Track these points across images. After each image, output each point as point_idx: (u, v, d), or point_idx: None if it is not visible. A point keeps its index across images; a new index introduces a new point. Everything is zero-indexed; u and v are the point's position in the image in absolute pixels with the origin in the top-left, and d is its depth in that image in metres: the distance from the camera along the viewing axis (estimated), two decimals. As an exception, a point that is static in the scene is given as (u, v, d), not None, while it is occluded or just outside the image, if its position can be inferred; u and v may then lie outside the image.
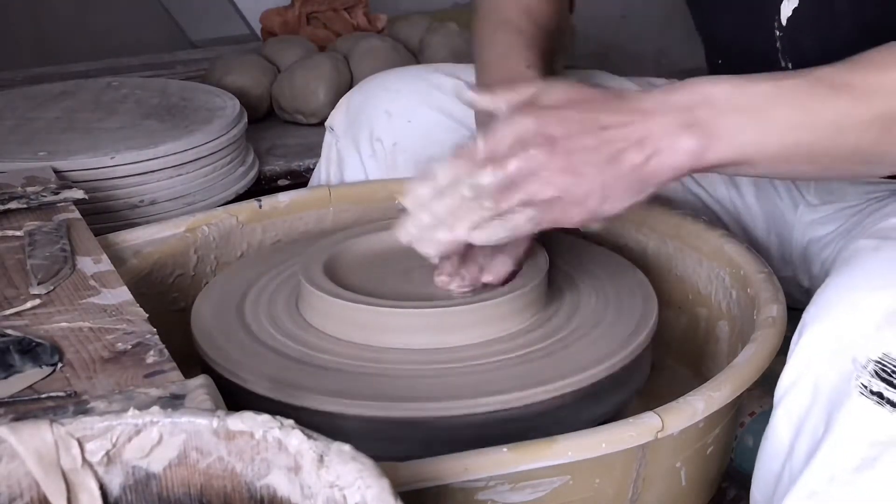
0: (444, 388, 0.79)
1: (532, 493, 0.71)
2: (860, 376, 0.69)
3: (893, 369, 0.67)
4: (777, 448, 0.76)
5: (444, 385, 0.80)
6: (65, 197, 1.00)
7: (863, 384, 0.68)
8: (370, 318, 0.84)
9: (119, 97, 1.50)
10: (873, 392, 0.68)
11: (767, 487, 0.77)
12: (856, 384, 0.69)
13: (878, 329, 0.69)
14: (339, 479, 0.51)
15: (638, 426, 0.73)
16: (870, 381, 0.68)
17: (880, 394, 0.68)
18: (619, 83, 1.20)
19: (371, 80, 1.18)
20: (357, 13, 2.01)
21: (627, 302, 0.92)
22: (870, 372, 0.68)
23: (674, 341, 1.04)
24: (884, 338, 0.68)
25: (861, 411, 0.69)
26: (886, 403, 0.68)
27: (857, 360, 0.69)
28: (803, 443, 0.73)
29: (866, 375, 0.68)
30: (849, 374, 0.69)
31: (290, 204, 1.10)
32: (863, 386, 0.68)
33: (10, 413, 0.66)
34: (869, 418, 0.68)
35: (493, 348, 0.84)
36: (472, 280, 0.88)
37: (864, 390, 0.68)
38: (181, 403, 0.64)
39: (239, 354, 0.85)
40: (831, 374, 0.71)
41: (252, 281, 0.96)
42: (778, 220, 1.11)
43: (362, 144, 1.15)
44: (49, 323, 0.77)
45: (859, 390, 0.69)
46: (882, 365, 0.68)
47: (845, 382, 0.70)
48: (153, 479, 0.55)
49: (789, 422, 0.74)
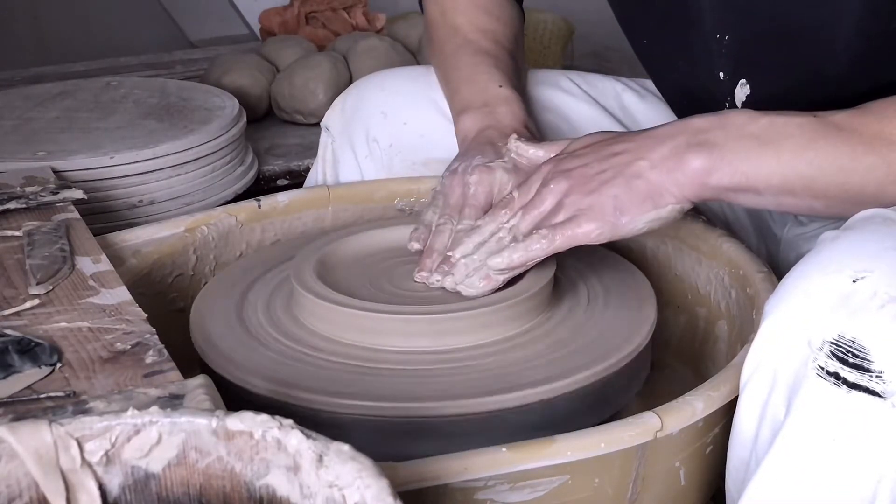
0: (444, 387, 0.79)
1: (531, 492, 0.72)
2: (816, 358, 0.69)
3: (848, 349, 0.68)
4: (743, 436, 0.76)
5: (444, 384, 0.80)
6: (64, 197, 1.00)
7: (819, 366, 0.69)
8: (369, 324, 0.84)
9: (118, 97, 1.50)
10: (829, 373, 0.69)
11: (738, 475, 0.78)
12: (813, 366, 0.69)
13: (832, 310, 0.69)
14: (338, 478, 0.51)
15: (637, 426, 0.73)
16: (826, 361, 0.69)
17: (836, 374, 0.68)
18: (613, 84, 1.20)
19: (367, 80, 1.18)
20: (356, 13, 2.02)
21: (627, 302, 0.92)
22: (825, 353, 0.69)
23: (673, 341, 1.04)
24: (838, 318, 0.69)
25: (818, 392, 0.69)
26: (843, 384, 0.68)
27: (812, 342, 0.70)
28: (766, 429, 0.74)
29: (822, 357, 0.69)
30: (805, 357, 0.70)
31: (289, 204, 1.10)
32: (819, 367, 0.69)
33: (9, 413, 0.66)
34: (826, 399, 0.69)
35: (492, 348, 0.84)
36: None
37: (820, 371, 0.69)
38: (180, 403, 0.64)
39: (238, 354, 0.84)
40: (789, 359, 0.71)
41: (251, 281, 0.96)
42: (767, 235, 1.12)
43: (358, 145, 1.15)
44: (48, 323, 0.77)
45: (816, 372, 0.69)
46: (837, 345, 0.68)
47: (803, 366, 0.70)
48: (152, 479, 0.55)
49: (752, 409, 0.75)
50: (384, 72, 1.20)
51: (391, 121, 1.13)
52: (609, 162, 0.85)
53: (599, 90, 1.19)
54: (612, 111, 1.18)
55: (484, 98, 1.03)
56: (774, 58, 0.95)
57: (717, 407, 0.76)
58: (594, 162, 0.86)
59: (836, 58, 0.91)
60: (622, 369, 0.84)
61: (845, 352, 0.68)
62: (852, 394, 0.68)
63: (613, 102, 1.19)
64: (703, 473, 0.82)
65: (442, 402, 0.78)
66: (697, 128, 0.84)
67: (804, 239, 1.07)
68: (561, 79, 1.19)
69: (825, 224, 1.05)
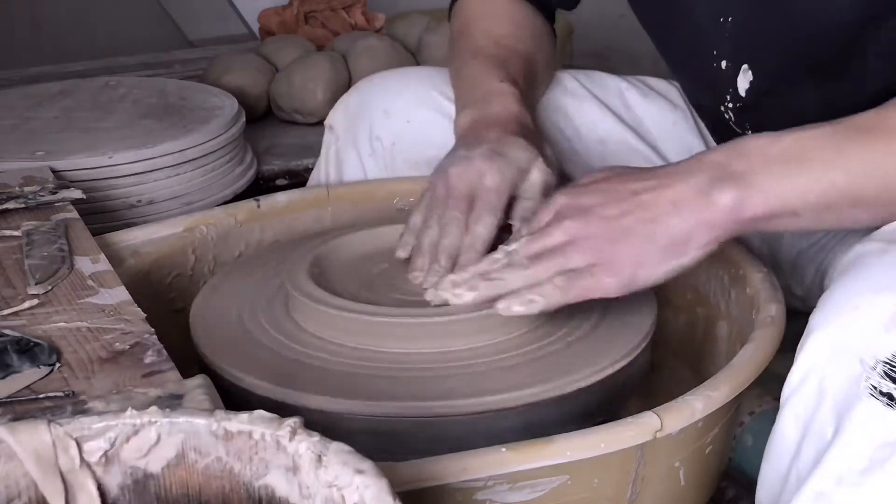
0: (444, 387, 0.79)
1: (531, 492, 0.71)
2: (869, 377, 0.68)
3: None
4: (783, 449, 0.75)
5: (444, 384, 0.80)
6: (63, 196, 1.00)
7: (872, 385, 0.68)
8: (364, 327, 0.84)
9: (117, 97, 1.50)
10: (883, 393, 0.68)
11: (773, 488, 0.77)
12: (865, 385, 0.68)
13: (886, 330, 0.68)
14: (337, 478, 0.51)
15: (637, 426, 0.73)
16: (879, 382, 0.68)
17: (890, 395, 0.67)
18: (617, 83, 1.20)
19: (371, 80, 1.18)
20: (355, 12, 2.02)
21: (626, 302, 0.91)
22: (879, 373, 0.68)
23: (672, 341, 1.04)
24: (892, 338, 0.68)
25: (870, 413, 0.68)
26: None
27: (864, 361, 0.69)
28: (810, 444, 0.73)
29: (876, 377, 0.68)
30: (857, 375, 0.69)
31: (288, 203, 1.09)
32: (872, 387, 0.68)
33: (8, 413, 0.66)
34: (878, 420, 0.68)
35: (492, 349, 0.84)
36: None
37: (873, 391, 0.68)
38: (179, 403, 0.64)
39: (237, 354, 0.84)
40: (838, 376, 0.70)
41: (250, 281, 0.96)
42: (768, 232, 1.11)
43: (361, 143, 1.15)
44: (47, 323, 0.77)
45: (869, 391, 0.68)
46: (891, 365, 0.67)
47: (854, 384, 0.69)
48: (151, 480, 0.55)
49: (796, 423, 0.74)
50: (388, 71, 1.21)
51: (394, 119, 1.13)
52: (629, 203, 0.80)
53: (603, 88, 1.19)
54: (616, 109, 1.17)
55: (481, 94, 1.02)
56: (776, 40, 0.94)
57: (717, 407, 0.76)
58: (612, 203, 0.80)
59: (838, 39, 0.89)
60: (622, 369, 0.84)
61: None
62: None
63: (617, 101, 1.18)
64: (702, 474, 0.82)
65: (442, 401, 0.78)
66: (716, 162, 0.79)
67: (803, 233, 1.06)
68: (564, 77, 1.19)
69: None
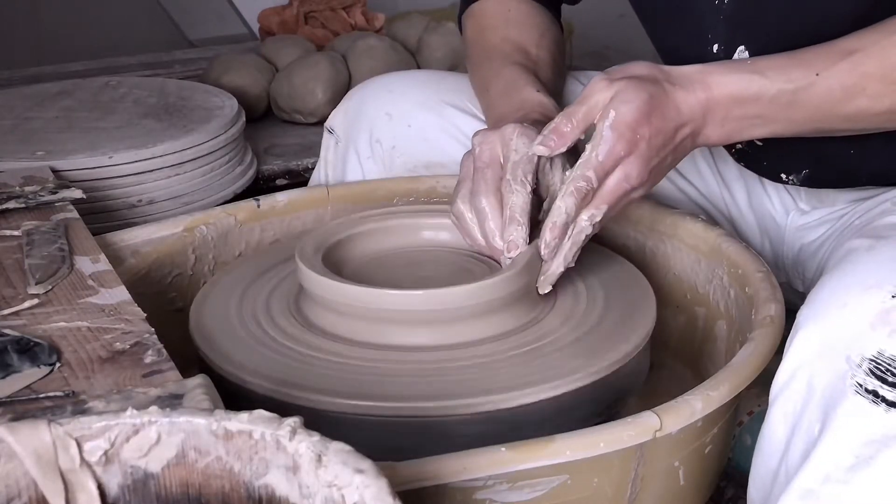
0: (444, 386, 0.79)
1: (530, 492, 0.71)
2: (855, 375, 0.69)
3: (888, 367, 0.67)
4: (773, 446, 0.76)
5: (444, 384, 0.80)
6: (63, 196, 1.00)
7: (858, 383, 0.69)
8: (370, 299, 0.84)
9: (117, 97, 1.50)
10: (868, 390, 0.68)
11: (764, 485, 0.77)
12: (851, 383, 0.69)
13: (873, 327, 0.69)
14: (337, 478, 0.51)
15: (636, 425, 0.73)
16: (865, 379, 0.68)
17: (875, 392, 0.68)
18: None
19: (372, 82, 1.18)
20: (355, 12, 2.02)
21: (626, 301, 0.92)
22: (864, 370, 0.68)
23: (672, 340, 1.04)
24: (878, 336, 0.68)
25: (856, 410, 0.69)
26: (882, 402, 0.68)
27: (851, 358, 0.69)
28: (799, 441, 0.73)
29: (861, 374, 0.68)
30: (843, 372, 0.70)
31: (288, 203, 1.10)
32: (858, 385, 0.68)
33: (9, 413, 0.66)
34: (864, 417, 0.68)
35: (491, 347, 0.84)
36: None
37: (859, 389, 0.68)
38: (179, 403, 0.64)
39: (237, 354, 0.84)
40: (826, 373, 0.71)
41: (250, 280, 0.96)
42: (769, 225, 1.11)
43: (361, 145, 1.15)
44: (47, 323, 0.77)
45: (854, 389, 0.69)
46: (877, 363, 0.68)
47: (840, 381, 0.70)
48: (151, 479, 0.55)
49: (785, 420, 0.74)
50: (389, 74, 1.21)
51: (396, 122, 1.12)
52: (672, 144, 0.87)
53: None
54: None
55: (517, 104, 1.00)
56: (773, 19, 0.94)
57: (716, 407, 0.76)
58: (659, 148, 0.86)
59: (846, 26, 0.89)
60: (621, 368, 0.84)
61: (885, 370, 0.68)
62: (891, 412, 0.68)
63: None
64: (702, 473, 0.82)
65: (442, 401, 0.78)
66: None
67: (806, 229, 1.07)
68: (568, 80, 1.19)
69: (828, 212, 1.05)
